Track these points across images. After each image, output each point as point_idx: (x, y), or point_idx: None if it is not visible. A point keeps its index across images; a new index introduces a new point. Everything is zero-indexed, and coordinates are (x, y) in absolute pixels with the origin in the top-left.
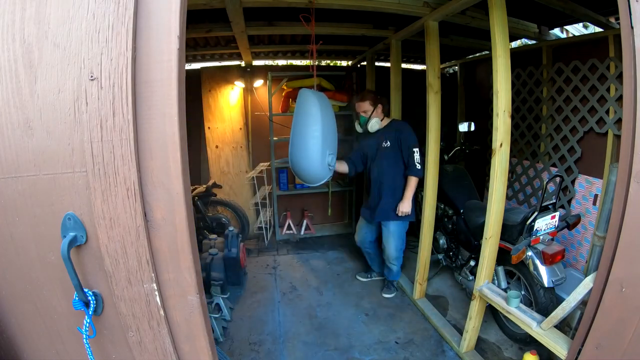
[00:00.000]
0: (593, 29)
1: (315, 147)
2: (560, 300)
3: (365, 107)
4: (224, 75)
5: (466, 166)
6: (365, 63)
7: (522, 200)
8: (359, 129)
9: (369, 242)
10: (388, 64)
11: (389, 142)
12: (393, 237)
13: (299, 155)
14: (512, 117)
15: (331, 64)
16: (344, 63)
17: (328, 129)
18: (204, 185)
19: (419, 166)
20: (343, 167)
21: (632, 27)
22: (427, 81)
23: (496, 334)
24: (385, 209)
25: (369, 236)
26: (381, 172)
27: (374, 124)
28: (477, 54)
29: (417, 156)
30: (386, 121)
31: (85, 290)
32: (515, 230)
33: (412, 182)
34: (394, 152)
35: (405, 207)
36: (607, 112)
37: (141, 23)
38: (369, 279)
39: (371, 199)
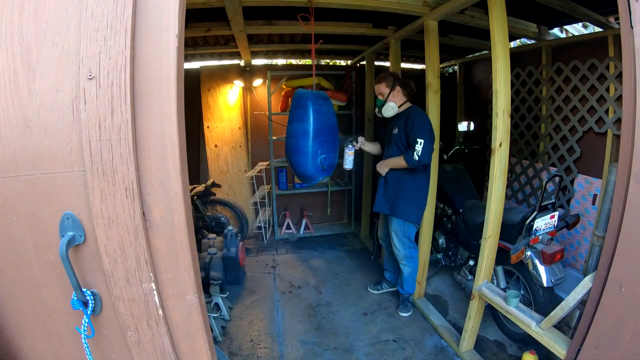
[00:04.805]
0: (593, 28)
1: (306, 148)
2: (559, 300)
3: (381, 89)
4: (223, 75)
5: (465, 166)
6: (364, 62)
7: (521, 200)
8: (377, 113)
9: (385, 237)
10: (387, 64)
11: (397, 129)
12: (395, 235)
13: (290, 154)
14: (512, 117)
15: (331, 63)
16: (343, 62)
17: (321, 130)
18: (203, 185)
19: (417, 157)
20: (376, 148)
21: (632, 27)
22: (427, 81)
23: (495, 334)
24: (386, 201)
25: (384, 231)
26: None
27: (388, 109)
28: (477, 54)
29: (419, 147)
30: (405, 106)
31: (84, 289)
32: (514, 230)
33: (400, 159)
34: (401, 141)
35: (379, 167)
36: (607, 111)
37: (140, 21)
38: (380, 292)
39: (377, 189)
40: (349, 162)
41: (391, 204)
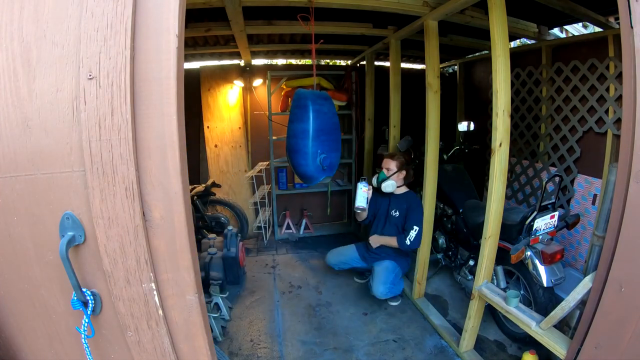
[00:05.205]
0: (592, 28)
1: (305, 148)
2: (559, 300)
3: (390, 165)
4: (223, 75)
5: (465, 166)
6: (364, 62)
7: (521, 200)
8: (374, 183)
9: (350, 266)
10: (388, 63)
11: (398, 213)
12: (386, 271)
13: (291, 154)
14: (512, 117)
15: (331, 63)
16: (343, 62)
17: (322, 129)
18: (203, 185)
19: (409, 242)
20: (364, 214)
21: (632, 27)
22: (427, 81)
23: (495, 334)
24: (383, 260)
25: (354, 263)
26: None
27: (388, 186)
28: (477, 54)
29: (413, 233)
30: (403, 189)
31: (84, 289)
32: (514, 230)
33: (392, 239)
34: (400, 224)
35: (374, 240)
36: (607, 111)
37: (140, 21)
38: (366, 281)
39: (373, 250)
40: (361, 200)
41: (388, 259)
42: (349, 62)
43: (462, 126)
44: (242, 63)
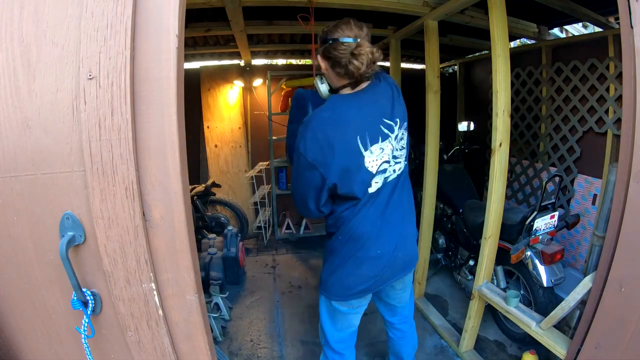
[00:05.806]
0: (593, 28)
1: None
2: (559, 300)
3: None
4: (223, 75)
5: (465, 166)
6: None
7: (521, 200)
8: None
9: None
10: (387, 63)
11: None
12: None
13: (290, 154)
14: (512, 117)
15: None
16: None
17: None
18: (203, 185)
19: None
20: None
21: (632, 27)
22: (427, 80)
23: (495, 334)
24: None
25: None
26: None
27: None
28: (477, 54)
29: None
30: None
31: (84, 289)
32: (514, 230)
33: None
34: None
35: None
36: (607, 111)
37: (140, 21)
38: None
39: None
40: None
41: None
42: None
43: (462, 126)
44: (242, 63)
